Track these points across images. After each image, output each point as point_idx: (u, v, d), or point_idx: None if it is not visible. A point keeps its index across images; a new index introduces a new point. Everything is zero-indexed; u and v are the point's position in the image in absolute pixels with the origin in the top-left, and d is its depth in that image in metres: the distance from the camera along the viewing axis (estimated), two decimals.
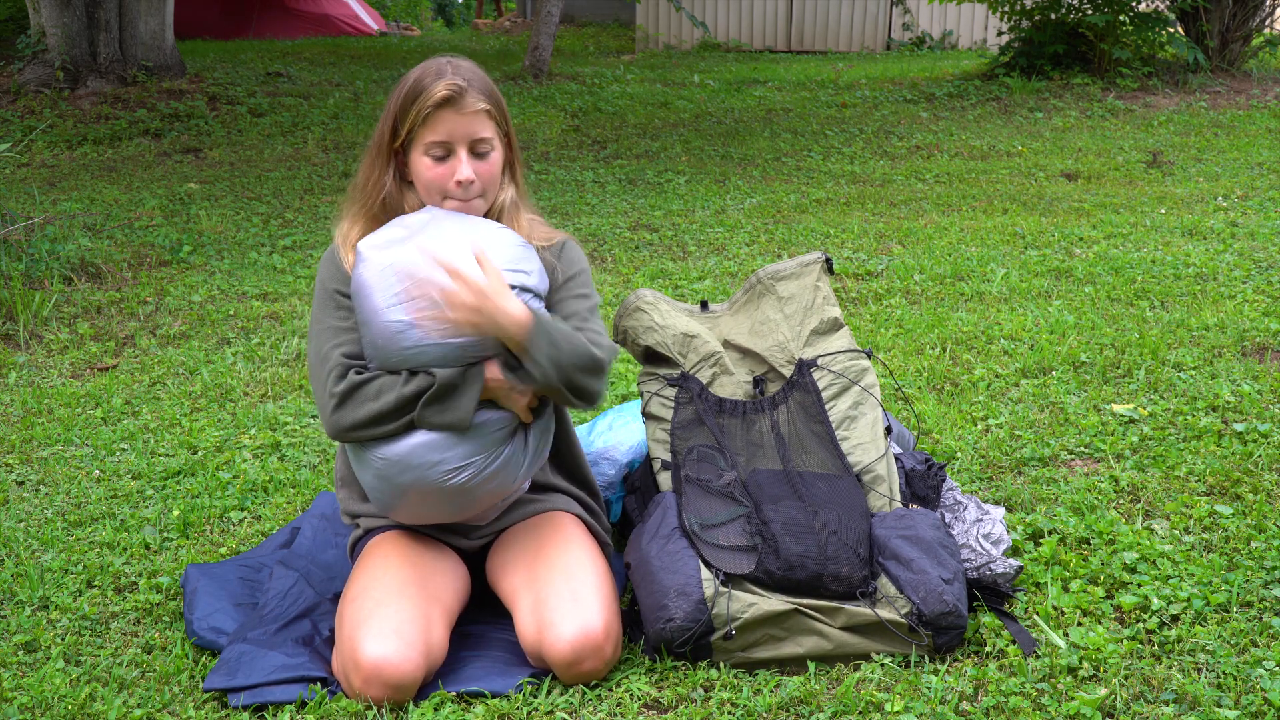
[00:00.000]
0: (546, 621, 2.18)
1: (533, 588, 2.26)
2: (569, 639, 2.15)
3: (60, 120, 8.95)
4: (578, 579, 2.24)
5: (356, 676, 2.12)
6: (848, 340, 2.67)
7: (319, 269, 2.40)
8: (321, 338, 2.30)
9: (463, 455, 2.21)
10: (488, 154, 2.32)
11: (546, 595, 2.22)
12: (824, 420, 2.53)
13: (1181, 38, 9.53)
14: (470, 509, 2.32)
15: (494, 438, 2.24)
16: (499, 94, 2.37)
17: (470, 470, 2.22)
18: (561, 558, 2.30)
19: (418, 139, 2.29)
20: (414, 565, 2.30)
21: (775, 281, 2.72)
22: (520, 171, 2.44)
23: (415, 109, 2.27)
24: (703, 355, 2.59)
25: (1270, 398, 3.32)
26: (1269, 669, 2.10)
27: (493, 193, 2.37)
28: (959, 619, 2.21)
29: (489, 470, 2.24)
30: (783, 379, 2.61)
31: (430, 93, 2.26)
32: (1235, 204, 5.93)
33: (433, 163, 2.30)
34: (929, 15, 14.37)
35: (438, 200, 2.33)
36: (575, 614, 2.17)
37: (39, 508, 3.08)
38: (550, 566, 2.28)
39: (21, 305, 4.61)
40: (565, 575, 2.25)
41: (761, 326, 2.67)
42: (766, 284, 2.72)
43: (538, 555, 2.32)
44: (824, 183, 7.06)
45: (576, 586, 2.23)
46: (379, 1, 20.96)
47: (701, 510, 2.36)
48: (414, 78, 2.31)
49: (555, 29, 11.05)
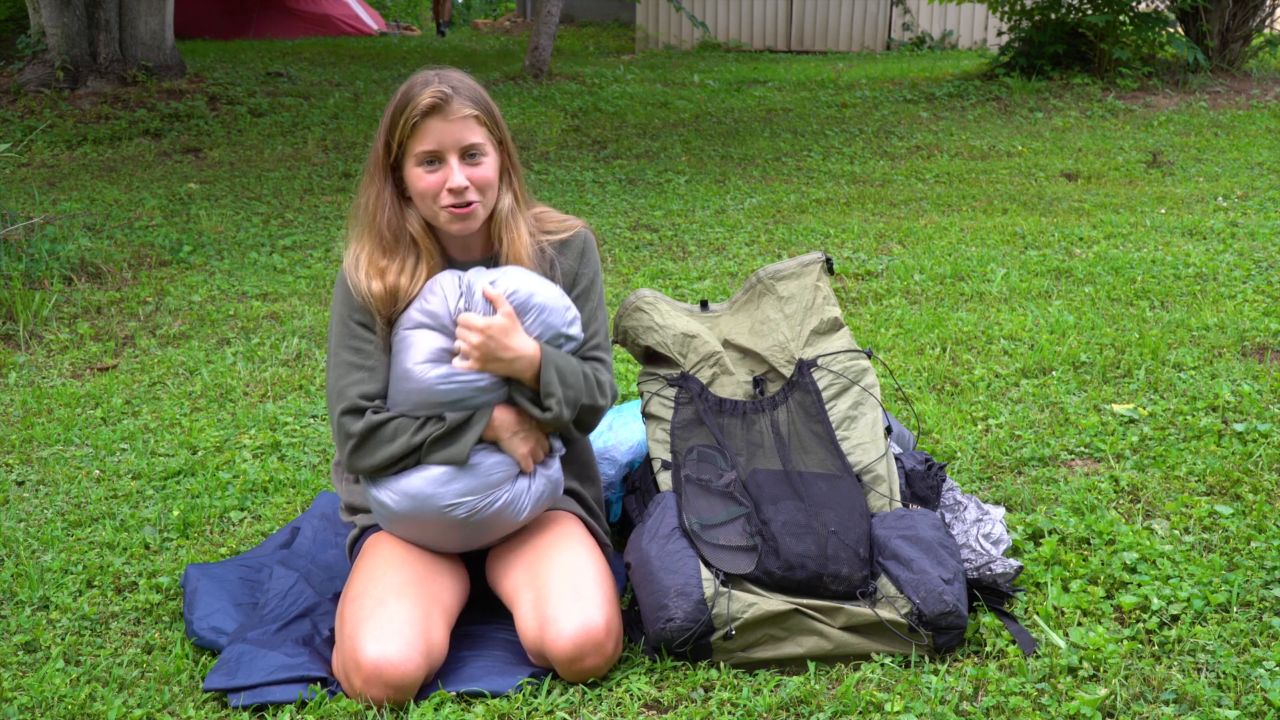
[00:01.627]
0: (548, 618, 2.18)
1: (534, 585, 2.26)
2: (571, 635, 2.15)
3: (60, 120, 8.95)
4: (579, 576, 2.25)
5: (357, 677, 2.12)
6: (848, 340, 2.67)
7: (334, 295, 2.43)
8: (339, 372, 2.34)
9: (458, 492, 2.27)
10: (480, 160, 2.32)
11: (548, 592, 2.22)
12: (824, 420, 2.53)
13: (1181, 38, 9.53)
14: (469, 542, 2.37)
15: (490, 479, 2.29)
16: (489, 100, 2.37)
17: (466, 507, 2.28)
18: (562, 555, 2.30)
19: (409, 151, 2.30)
20: (414, 565, 2.31)
21: (775, 281, 2.72)
22: (519, 177, 2.43)
23: (403, 120, 2.28)
24: (703, 355, 2.59)
25: (1270, 398, 3.32)
26: (1269, 669, 2.10)
27: (490, 199, 2.36)
28: (959, 619, 2.21)
29: (486, 509, 2.30)
30: (783, 379, 2.61)
31: (416, 102, 2.27)
32: (1235, 204, 5.93)
33: (424, 172, 2.31)
34: (929, 15, 14.37)
35: (434, 211, 2.33)
36: (577, 610, 2.18)
37: (39, 508, 3.08)
38: (551, 564, 2.28)
39: (21, 305, 4.61)
40: (566, 573, 2.25)
41: (762, 326, 2.67)
42: (767, 284, 2.72)
43: (538, 553, 2.32)
44: (824, 183, 7.06)
45: (578, 583, 2.23)
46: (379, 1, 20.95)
47: (701, 510, 2.36)
48: (401, 91, 2.33)
49: (555, 29, 11.05)
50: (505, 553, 2.39)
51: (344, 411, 2.29)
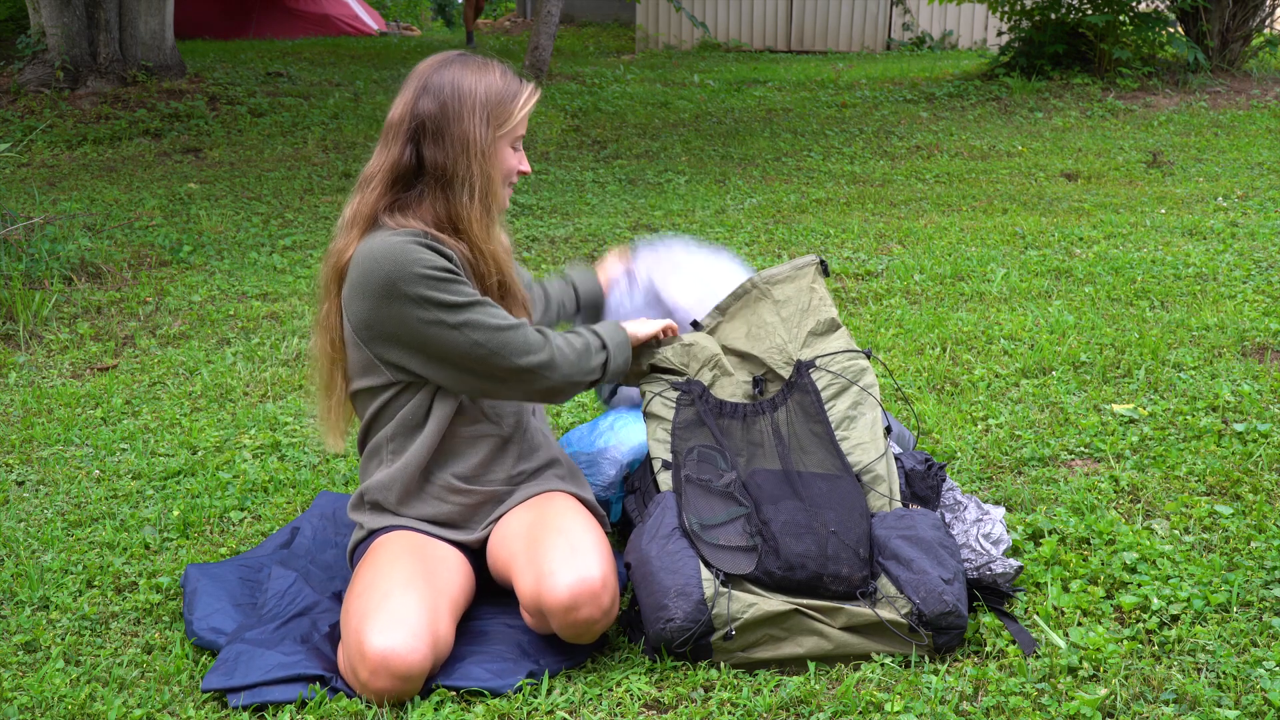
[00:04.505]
0: (544, 572, 2.21)
1: (532, 549, 2.29)
2: (567, 584, 2.18)
3: (60, 120, 8.95)
4: (575, 536, 2.28)
5: (363, 668, 2.12)
6: (846, 340, 2.67)
7: (410, 259, 2.30)
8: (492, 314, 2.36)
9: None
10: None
11: (545, 552, 2.25)
12: (823, 420, 2.53)
13: (1181, 38, 9.53)
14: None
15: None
16: None
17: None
18: (559, 522, 2.34)
19: (509, 135, 2.42)
20: (420, 559, 2.32)
21: (771, 286, 2.71)
22: None
23: (519, 106, 2.41)
24: (703, 360, 2.60)
25: (1270, 398, 3.32)
26: (1269, 669, 2.10)
27: None
28: (959, 619, 2.21)
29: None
30: (782, 380, 2.61)
31: (527, 92, 2.43)
32: (1235, 204, 5.93)
33: (511, 153, 2.44)
34: (929, 15, 14.37)
35: (501, 191, 2.45)
36: (573, 564, 2.21)
37: (39, 508, 3.08)
38: (548, 529, 2.31)
39: (21, 305, 4.61)
40: (563, 534, 2.29)
41: (759, 330, 2.67)
42: (762, 289, 2.71)
43: (536, 524, 2.36)
44: (824, 183, 7.06)
45: (574, 541, 2.26)
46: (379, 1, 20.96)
47: (701, 510, 2.36)
48: (495, 79, 2.40)
49: (555, 29, 11.05)
50: (505, 530, 2.42)
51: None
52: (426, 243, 2.31)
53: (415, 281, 2.28)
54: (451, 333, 2.30)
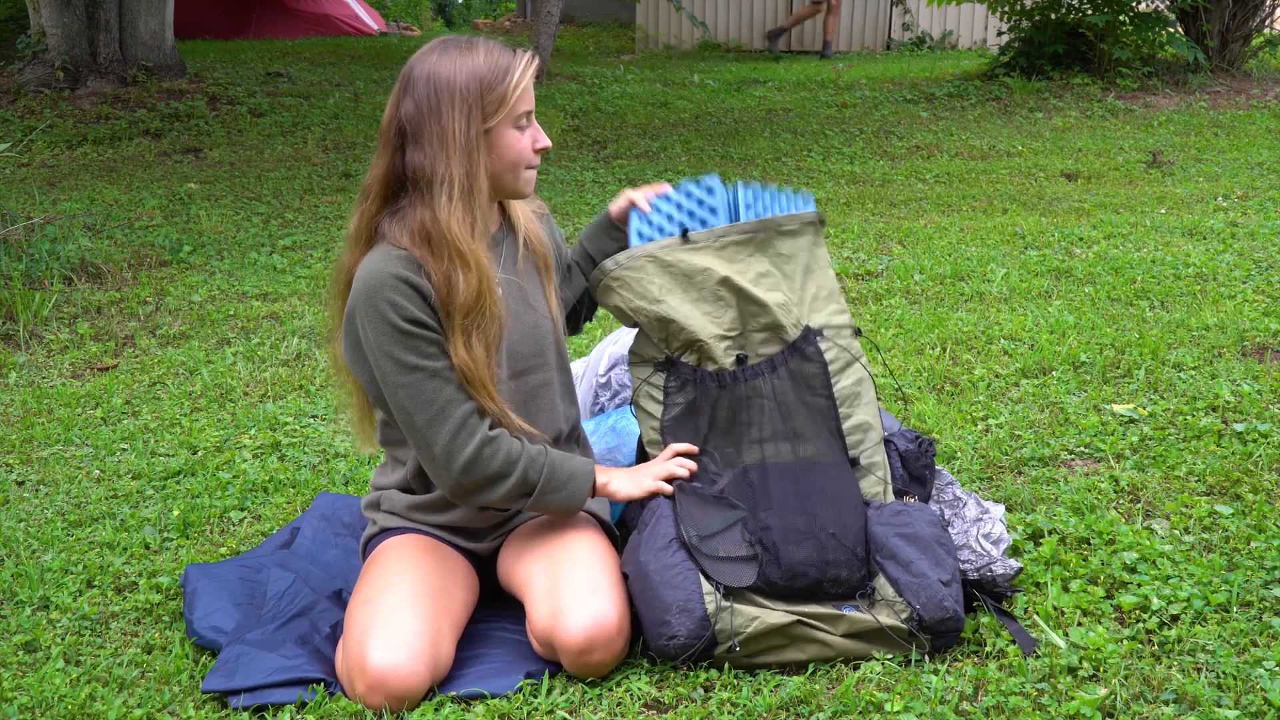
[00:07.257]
0: (561, 608, 2.17)
1: (549, 575, 2.24)
2: (583, 626, 2.14)
3: (60, 120, 8.95)
4: (595, 569, 2.23)
5: (361, 682, 2.11)
6: (845, 312, 2.54)
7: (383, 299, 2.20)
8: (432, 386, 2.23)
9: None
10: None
11: (563, 583, 2.20)
12: (828, 395, 2.43)
13: (1181, 38, 9.53)
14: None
15: None
16: None
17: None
18: (578, 548, 2.29)
19: (509, 116, 2.23)
20: (429, 575, 2.29)
21: (778, 237, 2.51)
22: None
23: (512, 83, 2.21)
24: (682, 343, 2.43)
25: (1270, 398, 3.32)
26: (1269, 669, 2.10)
27: None
28: (958, 623, 2.22)
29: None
30: (782, 343, 2.44)
31: (520, 66, 2.23)
32: (1235, 204, 5.93)
33: (519, 134, 2.26)
34: (929, 15, 14.36)
35: (516, 176, 2.28)
36: (592, 603, 2.16)
37: (39, 508, 3.08)
38: (569, 556, 2.27)
39: (21, 305, 4.61)
40: (583, 565, 2.24)
41: (764, 279, 2.47)
42: (770, 234, 2.50)
43: (554, 545, 2.31)
44: (824, 183, 7.05)
45: (594, 576, 2.21)
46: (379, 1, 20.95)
47: (698, 520, 2.30)
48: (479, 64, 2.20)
49: (555, 29, 11.04)
50: (519, 545, 2.38)
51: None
52: (408, 277, 2.19)
53: (378, 323, 2.20)
54: (391, 385, 2.23)
